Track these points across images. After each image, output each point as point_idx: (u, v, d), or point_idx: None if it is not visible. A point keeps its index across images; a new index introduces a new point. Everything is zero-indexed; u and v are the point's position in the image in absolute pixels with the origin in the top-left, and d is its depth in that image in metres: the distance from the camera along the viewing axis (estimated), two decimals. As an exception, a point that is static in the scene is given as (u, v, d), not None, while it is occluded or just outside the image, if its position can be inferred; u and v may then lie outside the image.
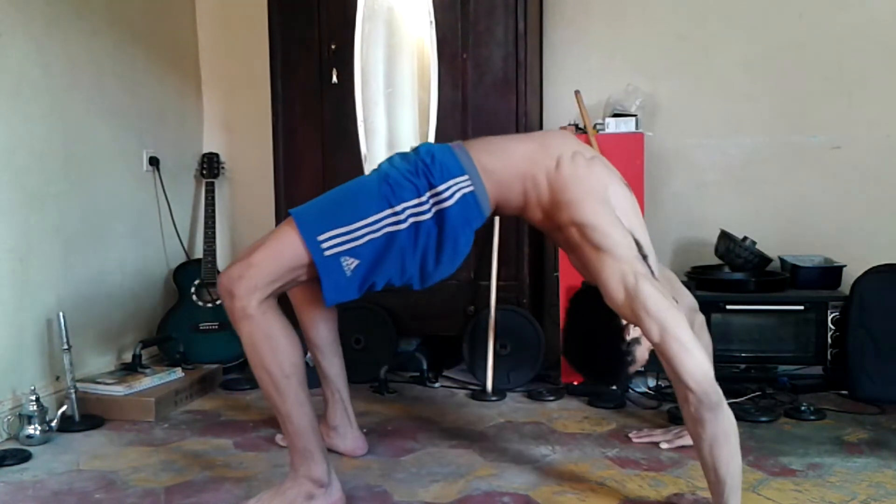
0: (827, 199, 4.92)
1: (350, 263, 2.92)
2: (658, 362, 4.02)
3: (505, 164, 3.07)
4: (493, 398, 4.44)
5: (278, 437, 3.74)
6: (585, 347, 3.14)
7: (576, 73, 5.23)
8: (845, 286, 4.52)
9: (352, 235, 2.91)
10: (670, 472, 3.34)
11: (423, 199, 2.95)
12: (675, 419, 3.98)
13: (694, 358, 2.68)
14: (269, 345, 2.87)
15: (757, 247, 4.67)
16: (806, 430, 3.81)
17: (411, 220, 2.94)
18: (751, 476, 3.26)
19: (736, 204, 5.03)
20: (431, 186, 2.96)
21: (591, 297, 3.02)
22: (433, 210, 2.96)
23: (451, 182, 2.97)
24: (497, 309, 4.51)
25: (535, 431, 3.92)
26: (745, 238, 4.67)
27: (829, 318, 4.40)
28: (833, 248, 4.83)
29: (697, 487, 3.15)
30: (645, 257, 2.92)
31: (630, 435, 3.78)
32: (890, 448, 3.57)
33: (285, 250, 2.92)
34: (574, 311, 3.20)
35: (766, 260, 4.71)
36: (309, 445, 2.93)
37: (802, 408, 3.99)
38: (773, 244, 4.84)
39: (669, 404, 4.19)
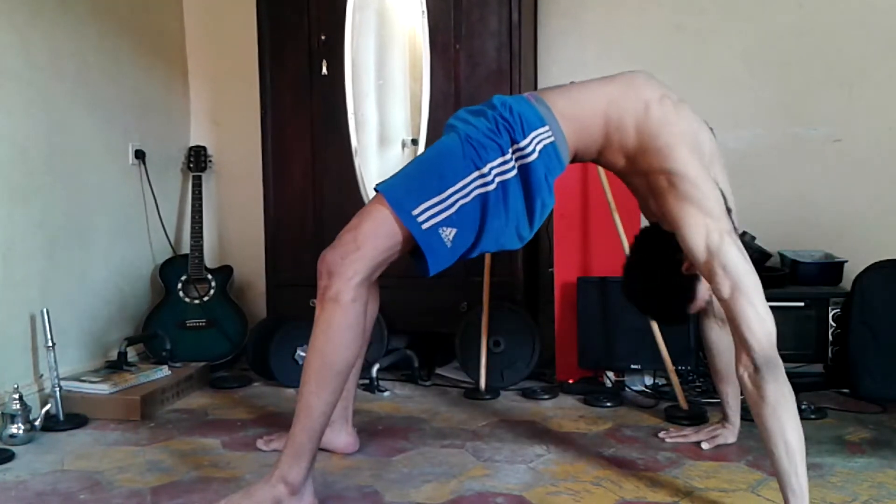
0: (828, 193, 4.93)
1: (448, 233, 2.92)
2: (655, 360, 4.03)
3: (586, 108, 3.09)
4: (487, 397, 4.44)
5: (259, 442, 3.72)
6: (645, 281, 3.18)
7: (571, 64, 5.22)
8: (846, 282, 4.52)
9: (445, 204, 2.90)
10: (667, 471, 3.34)
11: (508, 156, 2.95)
12: (671, 418, 3.98)
13: (762, 320, 2.74)
14: (342, 336, 2.87)
15: (756, 242, 4.67)
16: (806, 430, 3.76)
17: (497, 179, 2.93)
18: (749, 476, 3.26)
19: (735, 198, 5.01)
20: (514, 142, 2.96)
21: (657, 232, 3.10)
22: (517, 166, 2.96)
23: (532, 135, 2.97)
24: (490, 305, 4.50)
25: (530, 431, 3.91)
26: (744, 233, 4.66)
27: (830, 315, 4.40)
28: (834, 243, 4.83)
29: (695, 488, 3.15)
30: (730, 211, 2.97)
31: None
32: (892, 447, 3.57)
33: (384, 229, 2.91)
34: (637, 245, 3.25)
35: (766, 255, 4.71)
36: (306, 447, 2.90)
37: (803, 406, 3.98)
38: (773, 239, 4.84)
39: (667, 403, 4.19)
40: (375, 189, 3.01)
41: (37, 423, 3.88)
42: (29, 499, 3.17)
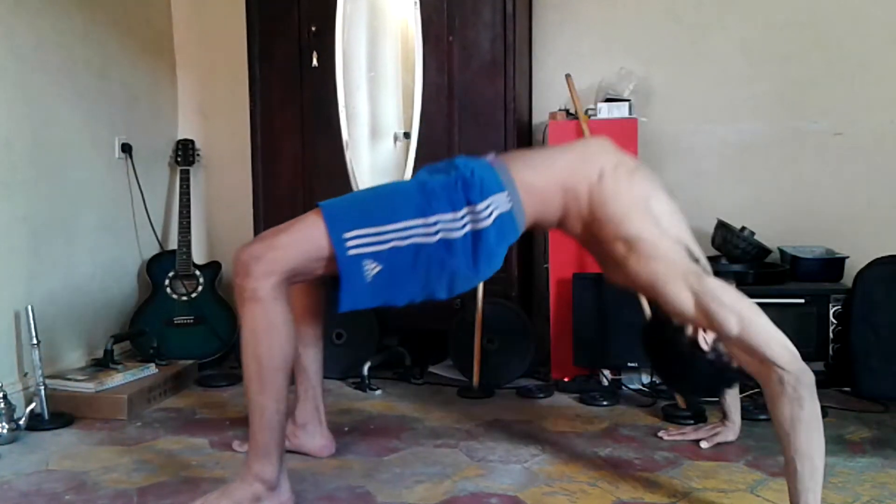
0: (829, 188, 4.92)
1: (372, 268, 2.92)
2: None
3: (545, 178, 3.11)
4: (481, 395, 4.44)
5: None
6: (684, 373, 3.12)
7: (567, 55, 5.22)
8: (848, 279, 4.52)
9: (378, 238, 2.91)
10: (665, 472, 3.34)
11: (459, 214, 2.96)
12: (669, 417, 3.98)
13: (780, 339, 2.75)
14: (269, 334, 2.87)
15: (756, 237, 4.67)
16: (806, 429, 3.81)
17: (441, 234, 2.94)
18: (749, 476, 3.27)
19: (734, 193, 5.02)
20: (469, 203, 2.97)
21: (657, 324, 3.09)
22: (467, 227, 2.97)
23: (489, 199, 2.98)
24: (484, 302, 4.50)
25: (525, 430, 3.91)
26: (744, 228, 4.67)
27: (831, 312, 4.39)
28: (835, 238, 4.83)
29: (693, 489, 3.15)
30: (697, 260, 2.97)
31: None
32: (894, 447, 3.58)
33: (309, 240, 2.92)
34: (651, 345, 3.18)
35: (766, 251, 4.71)
36: (270, 444, 2.93)
37: (802, 405, 3.99)
38: (773, 235, 4.84)
39: (664, 402, 4.19)
40: (317, 204, 3.02)
41: (21, 422, 3.87)
42: (14, 499, 3.16)
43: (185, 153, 5.56)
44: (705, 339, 2.93)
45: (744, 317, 2.76)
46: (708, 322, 2.83)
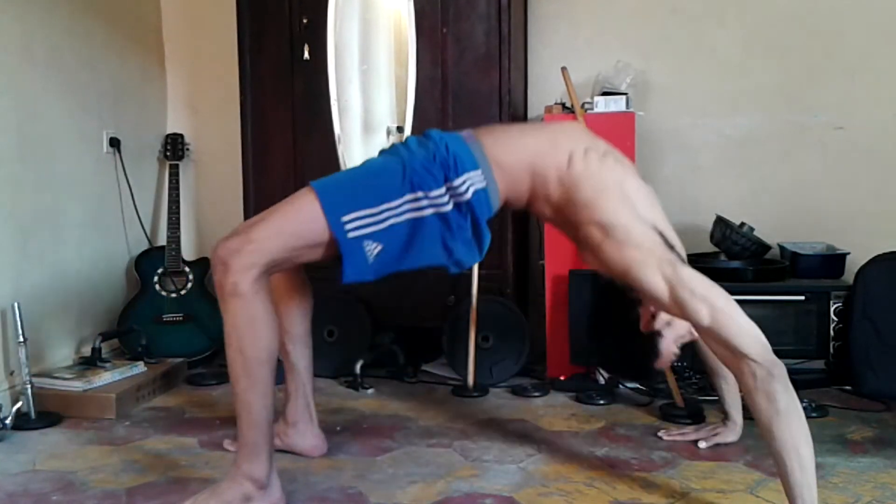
0: (829, 183, 4.93)
1: (373, 249, 2.95)
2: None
3: (514, 158, 3.11)
4: (475, 394, 4.43)
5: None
6: (617, 343, 3.14)
7: (563, 48, 5.21)
8: (849, 275, 4.52)
9: (375, 218, 2.94)
10: (662, 472, 3.33)
11: (442, 190, 2.98)
12: (667, 416, 3.98)
13: (752, 330, 2.75)
14: (253, 328, 2.89)
15: (755, 233, 4.66)
16: (806, 428, 3.81)
17: (432, 210, 2.97)
18: (748, 477, 3.26)
19: (733, 188, 5.02)
20: (448, 179, 2.99)
21: (612, 288, 3.10)
22: (450, 203, 3.00)
23: (465, 176, 3.01)
24: (479, 299, 4.49)
25: (520, 429, 3.91)
26: (743, 224, 4.66)
27: (832, 310, 4.39)
28: (836, 234, 4.83)
29: (691, 489, 3.15)
30: (672, 247, 2.97)
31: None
32: None
33: (303, 226, 2.94)
34: (602, 305, 3.20)
35: (765, 247, 4.70)
36: (259, 441, 2.94)
37: (803, 404, 3.96)
38: (773, 230, 4.83)
39: (662, 401, 4.19)
40: (310, 184, 3.01)
41: (7, 421, 3.86)
42: (0, 500, 3.16)
43: (174, 147, 5.56)
44: (650, 324, 2.97)
45: (715, 307, 2.76)
46: (680, 311, 2.83)
